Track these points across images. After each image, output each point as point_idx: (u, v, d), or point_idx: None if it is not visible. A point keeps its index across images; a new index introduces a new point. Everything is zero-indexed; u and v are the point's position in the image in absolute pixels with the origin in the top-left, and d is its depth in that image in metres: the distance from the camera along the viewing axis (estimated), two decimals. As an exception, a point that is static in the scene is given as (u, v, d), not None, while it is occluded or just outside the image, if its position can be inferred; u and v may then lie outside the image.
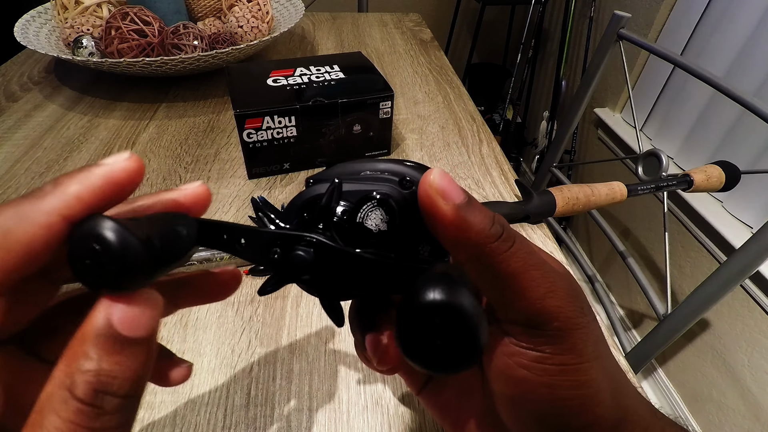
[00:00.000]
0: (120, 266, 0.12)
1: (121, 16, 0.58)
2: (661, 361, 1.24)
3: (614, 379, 0.17)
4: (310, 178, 0.19)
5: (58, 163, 0.50)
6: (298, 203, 0.18)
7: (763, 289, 0.95)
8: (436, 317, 0.13)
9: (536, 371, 0.16)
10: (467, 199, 0.16)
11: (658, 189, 0.55)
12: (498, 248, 0.16)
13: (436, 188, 0.16)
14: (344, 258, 0.17)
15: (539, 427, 0.17)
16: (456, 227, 0.16)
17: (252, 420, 0.29)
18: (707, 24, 1.12)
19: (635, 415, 0.17)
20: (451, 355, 0.13)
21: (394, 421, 0.29)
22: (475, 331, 0.13)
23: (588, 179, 1.66)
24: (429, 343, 0.13)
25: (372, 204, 0.17)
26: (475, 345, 0.13)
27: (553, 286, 0.16)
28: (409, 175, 0.18)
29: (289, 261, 0.17)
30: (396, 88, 0.70)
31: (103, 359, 0.12)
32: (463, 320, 0.13)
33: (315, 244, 0.17)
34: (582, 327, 0.16)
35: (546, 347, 0.16)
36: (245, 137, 0.45)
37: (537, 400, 0.16)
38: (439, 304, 0.13)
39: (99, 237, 0.12)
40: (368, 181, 0.18)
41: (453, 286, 0.13)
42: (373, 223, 0.18)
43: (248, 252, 0.17)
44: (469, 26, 2.11)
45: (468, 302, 0.13)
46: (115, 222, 0.13)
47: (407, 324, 0.14)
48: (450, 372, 0.14)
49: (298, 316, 0.35)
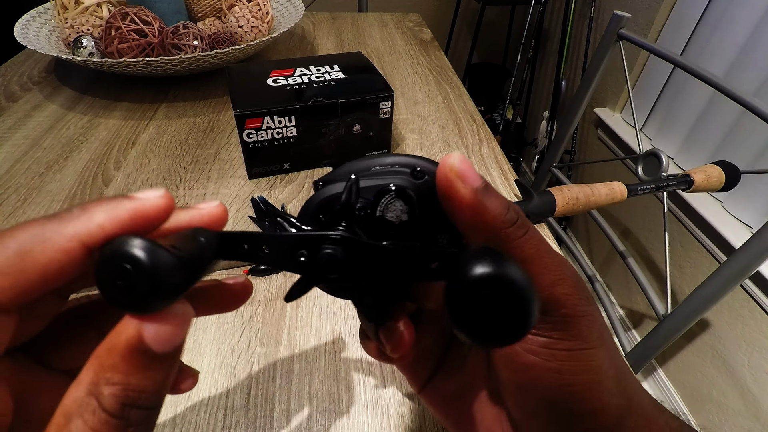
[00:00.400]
0: (152, 286, 0.12)
1: (121, 16, 0.58)
2: (661, 361, 1.24)
3: (619, 368, 0.17)
4: (318, 180, 0.19)
5: (58, 163, 0.50)
6: (312, 206, 0.18)
7: (763, 289, 0.95)
8: (488, 289, 0.13)
9: (544, 356, 0.16)
10: (485, 184, 0.16)
11: (658, 189, 0.55)
12: (513, 233, 0.16)
13: (456, 171, 0.16)
14: (373, 252, 0.17)
15: (547, 415, 0.17)
16: (473, 210, 0.16)
17: (252, 420, 0.29)
18: (707, 24, 1.12)
19: (639, 407, 0.17)
20: (505, 327, 0.13)
21: (394, 421, 0.29)
22: (528, 301, 0.13)
23: (588, 179, 1.66)
24: (483, 316, 0.13)
25: (390, 196, 0.17)
26: (528, 315, 0.13)
27: (563, 274, 0.16)
28: (420, 166, 0.18)
29: (318, 261, 0.16)
30: (396, 88, 0.70)
31: (132, 374, 0.12)
32: (516, 291, 0.13)
33: (342, 241, 0.16)
34: (588, 314, 0.16)
35: (553, 333, 0.16)
36: (245, 137, 0.45)
37: (545, 386, 0.16)
38: (493, 276, 0.13)
39: (130, 257, 0.12)
40: (380, 176, 0.18)
41: (503, 260, 0.13)
42: (394, 214, 0.18)
43: (272, 259, 0.17)
44: (469, 26, 2.11)
45: (519, 274, 0.13)
46: (145, 240, 0.12)
47: (459, 298, 0.13)
48: (504, 343, 0.14)
49: (298, 316, 0.35)
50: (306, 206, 0.18)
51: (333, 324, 0.35)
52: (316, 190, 0.19)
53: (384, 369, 0.32)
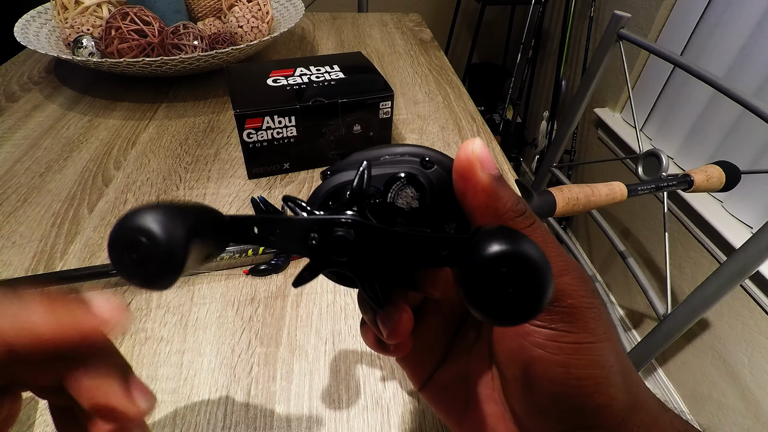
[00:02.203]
0: (165, 261, 0.12)
1: (121, 16, 0.58)
2: (661, 361, 1.24)
3: (624, 363, 0.17)
4: (327, 169, 0.19)
5: (58, 162, 0.50)
6: (321, 194, 0.18)
7: (763, 289, 0.95)
8: (506, 266, 0.13)
9: (551, 350, 0.16)
10: (500, 174, 0.17)
11: (658, 189, 0.55)
12: (522, 223, 0.16)
13: (478, 155, 0.16)
14: (384, 236, 0.17)
15: (553, 411, 0.17)
16: (488, 196, 0.16)
17: (252, 420, 0.29)
18: (707, 24, 1.12)
19: (645, 404, 0.17)
20: (522, 303, 0.13)
21: (394, 421, 0.29)
22: (546, 277, 0.13)
23: (588, 179, 1.66)
24: (500, 293, 0.13)
25: (401, 182, 0.18)
26: (545, 291, 0.13)
27: (568, 265, 0.16)
28: (429, 156, 0.18)
29: (330, 243, 0.16)
30: (396, 88, 0.70)
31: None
32: (533, 266, 0.13)
33: (354, 224, 0.16)
34: (594, 307, 0.16)
35: (560, 324, 0.16)
36: (245, 137, 0.45)
37: (551, 380, 0.16)
38: (511, 252, 0.13)
39: (146, 230, 0.12)
40: (390, 165, 0.18)
41: (520, 237, 0.14)
42: (405, 201, 0.18)
43: (283, 242, 0.17)
44: (469, 26, 2.11)
45: (536, 251, 0.13)
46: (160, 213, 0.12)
47: (476, 275, 0.13)
48: (521, 320, 0.14)
49: (298, 316, 0.35)
50: (315, 194, 0.18)
51: (333, 324, 0.35)
52: (324, 180, 0.19)
53: (384, 369, 0.32)
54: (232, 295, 0.36)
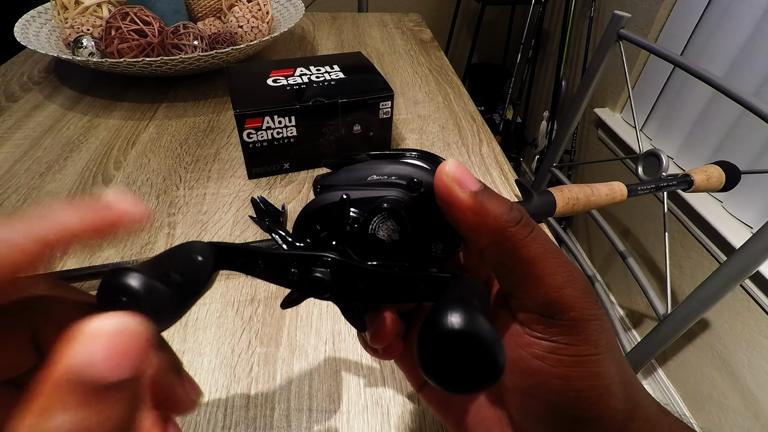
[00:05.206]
0: (150, 311, 0.13)
1: (121, 16, 0.58)
2: (661, 361, 1.24)
3: (625, 372, 0.17)
4: (317, 183, 0.19)
5: (58, 162, 0.50)
6: (308, 214, 0.19)
7: (763, 289, 0.95)
8: (455, 345, 0.14)
9: (550, 362, 0.16)
10: (483, 186, 0.16)
11: (658, 189, 0.55)
12: (518, 233, 0.16)
13: (453, 177, 0.16)
14: (361, 274, 0.17)
15: (551, 420, 0.17)
16: (475, 213, 0.16)
17: (252, 420, 0.29)
18: (707, 24, 1.12)
19: (644, 410, 0.17)
20: (472, 378, 0.14)
21: (394, 421, 0.29)
22: (494, 355, 0.14)
23: (588, 179, 1.66)
24: (451, 368, 0.14)
25: (382, 215, 0.18)
26: (495, 367, 0.14)
27: (571, 275, 0.16)
28: (417, 176, 0.18)
29: (308, 282, 0.17)
30: (396, 88, 0.70)
31: (80, 412, 0.09)
32: (482, 346, 0.14)
33: (331, 263, 0.17)
34: (597, 318, 0.16)
35: (561, 337, 0.16)
36: (245, 137, 0.45)
37: (550, 391, 0.16)
38: (458, 332, 0.13)
39: (127, 289, 0.13)
40: (376, 187, 0.18)
41: (469, 313, 0.14)
42: (385, 233, 0.18)
43: (267, 273, 0.18)
44: (469, 26, 2.11)
45: (485, 328, 0.14)
46: (140, 273, 0.13)
47: (429, 351, 0.14)
48: (472, 392, 0.14)
49: (298, 316, 0.35)
50: (303, 214, 0.19)
51: (333, 324, 0.35)
52: (315, 193, 0.19)
53: (384, 369, 0.32)
54: (231, 295, 0.36)
